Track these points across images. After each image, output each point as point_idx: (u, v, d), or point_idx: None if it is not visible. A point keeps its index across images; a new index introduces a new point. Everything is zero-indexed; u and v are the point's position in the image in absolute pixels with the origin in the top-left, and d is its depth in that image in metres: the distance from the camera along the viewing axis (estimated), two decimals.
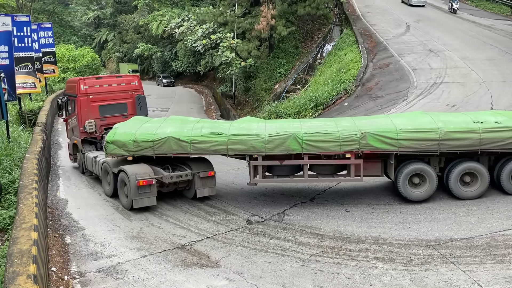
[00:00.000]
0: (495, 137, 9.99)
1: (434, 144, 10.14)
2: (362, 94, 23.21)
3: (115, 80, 15.25)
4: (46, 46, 30.37)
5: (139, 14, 57.09)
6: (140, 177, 10.78)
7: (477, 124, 10.15)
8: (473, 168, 10.41)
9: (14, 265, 6.04)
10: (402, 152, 10.39)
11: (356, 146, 10.35)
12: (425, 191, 10.53)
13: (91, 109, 14.18)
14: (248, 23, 32.13)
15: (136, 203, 10.85)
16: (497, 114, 10.97)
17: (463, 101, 18.86)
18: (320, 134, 10.48)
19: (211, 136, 10.87)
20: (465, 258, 7.77)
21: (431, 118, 10.66)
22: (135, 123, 12.18)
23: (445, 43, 27.87)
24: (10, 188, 10.76)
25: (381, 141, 10.28)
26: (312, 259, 8.14)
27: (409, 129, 10.27)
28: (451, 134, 10.07)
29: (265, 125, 11.36)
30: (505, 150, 10.17)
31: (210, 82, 47.89)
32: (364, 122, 11.04)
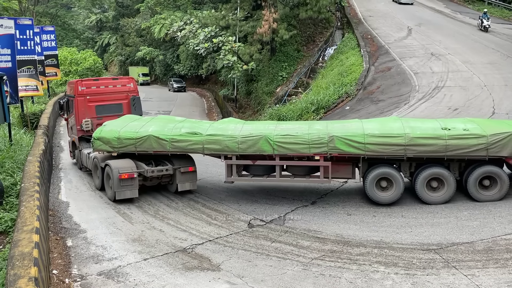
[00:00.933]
0: (460, 144, 10.12)
1: (400, 149, 10.35)
2: (364, 97, 23.21)
3: (111, 82, 16.09)
4: (48, 49, 30.48)
5: (142, 17, 57.27)
6: (122, 170, 11.58)
7: (443, 131, 10.29)
8: (439, 173, 10.55)
9: (16, 267, 6.04)
10: (369, 156, 10.63)
11: (324, 149, 10.69)
12: (391, 195, 10.74)
13: (88, 109, 14.96)
14: (250, 27, 32.21)
15: (119, 194, 11.63)
16: (470, 121, 11.06)
17: (465, 105, 18.86)
18: (291, 137, 10.90)
19: (189, 135, 11.53)
20: (467, 263, 7.74)
21: (401, 123, 10.88)
22: (123, 121, 12.97)
23: (447, 47, 27.89)
24: (12, 190, 10.78)
25: (348, 145, 10.58)
26: (314, 262, 8.12)
27: (376, 134, 10.51)
28: (417, 139, 10.25)
29: (242, 126, 11.80)
30: (471, 157, 10.27)
31: (212, 85, 47.97)
32: (335, 126, 11.33)
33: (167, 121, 12.84)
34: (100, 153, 12.72)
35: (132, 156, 12.20)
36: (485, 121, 11.60)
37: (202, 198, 12.04)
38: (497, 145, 10.01)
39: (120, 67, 64.61)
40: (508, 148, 10.01)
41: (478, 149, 10.07)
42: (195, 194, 12.35)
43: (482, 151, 10.08)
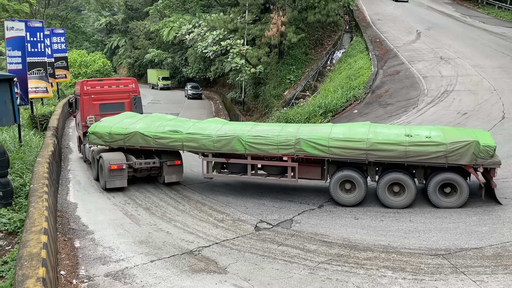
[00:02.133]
0: (420, 150, 10.31)
1: (362, 153, 10.69)
2: (372, 101, 23.13)
3: (114, 83, 17.34)
4: (58, 51, 30.79)
5: (151, 20, 57.65)
6: (113, 162, 12.67)
7: (404, 137, 10.53)
8: (399, 178, 10.76)
9: (24, 268, 6.09)
10: (333, 158, 11.08)
11: (292, 150, 11.30)
12: (354, 197, 11.11)
13: (92, 107, 16.10)
14: (258, 30, 32.27)
15: (109, 184, 12.77)
16: (438, 129, 11.26)
17: (475, 109, 18.72)
18: (261, 138, 11.59)
19: (170, 133, 12.53)
20: (475, 268, 7.67)
21: (368, 129, 11.24)
22: (118, 118, 14.13)
23: (456, 50, 27.72)
24: (21, 191, 10.89)
25: (313, 147, 11.07)
26: (320, 266, 8.09)
27: (339, 138, 10.93)
28: (378, 145, 10.55)
29: (222, 126, 12.56)
30: (431, 164, 10.47)
31: (220, 88, 48.09)
32: (306, 129, 11.89)
33: (157, 119, 13.76)
34: (97, 147, 13.89)
35: (125, 150, 13.28)
36: (454, 130, 11.69)
37: (209, 201, 12.05)
38: (456, 153, 10.14)
39: (129, 70, 64.98)
40: (466, 157, 10.13)
41: (437, 156, 10.25)
42: (202, 197, 12.37)
43: (441, 159, 10.26)
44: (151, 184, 13.65)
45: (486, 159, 10.11)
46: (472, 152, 10.06)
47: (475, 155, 10.08)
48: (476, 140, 10.11)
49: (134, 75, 63.39)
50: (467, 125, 16.99)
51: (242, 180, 13.02)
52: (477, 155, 10.08)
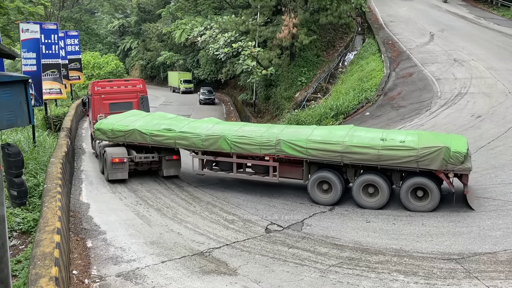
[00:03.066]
0: (392, 154, 10.60)
1: (337, 156, 11.11)
2: (384, 103, 22.96)
3: (123, 83, 18.62)
4: (72, 53, 31.13)
5: (163, 22, 58.03)
6: (115, 156, 13.67)
7: (378, 141, 10.81)
8: (373, 180, 11.08)
9: (37, 267, 6.15)
10: (311, 160, 11.58)
11: (273, 150, 11.89)
12: (330, 197, 11.48)
13: (102, 106, 17.31)
14: (270, 32, 32.27)
15: (111, 175, 13.80)
16: (414, 134, 11.45)
17: (489, 112, 18.46)
18: (245, 138, 12.22)
19: (164, 131, 13.37)
20: (489, 273, 7.56)
21: (346, 132, 11.61)
22: (123, 116, 15.13)
23: (471, 52, 27.39)
24: (34, 191, 11.02)
25: (292, 148, 11.61)
26: (331, 269, 8.04)
27: (317, 140, 11.40)
28: (352, 148, 10.94)
29: (213, 126, 13.25)
30: (403, 168, 10.74)
31: (231, 90, 48.17)
32: (289, 130, 12.45)
33: (157, 118, 14.71)
34: (103, 142, 14.92)
35: (128, 145, 14.24)
36: (431, 135, 11.72)
37: (220, 202, 12.07)
38: (426, 158, 10.34)
39: (142, 71, 65.46)
40: (437, 162, 10.29)
41: (408, 161, 10.49)
42: (212, 198, 12.40)
43: (413, 163, 10.48)
44: (162, 185, 13.73)
45: (456, 165, 10.25)
46: (442, 157, 10.24)
47: (445, 161, 10.25)
48: (446, 146, 10.26)
49: (146, 77, 63.89)
50: (482, 128, 16.78)
51: (229, 176, 13.52)
52: (447, 161, 10.25)
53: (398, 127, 19.06)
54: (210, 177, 14.22)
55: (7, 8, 25.37)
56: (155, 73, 63.72)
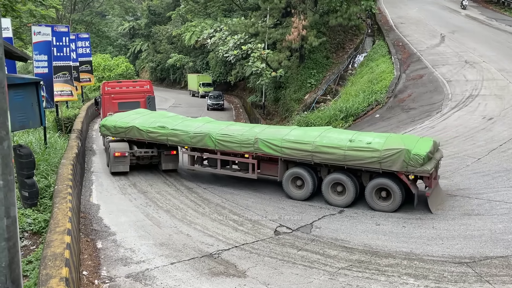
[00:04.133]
0: (357, 155, 10.99)
1: (308, 155, 11.67)
2: (394, 105, 22.83)
3: (132, 84, 20.27)
4: (83, 55, 31.43)
5: (173, 25, 58.36)
6: (117, 150, 14.77)
7: (346, 142, 11.25)
8: (340, 179, 11.50)
9: (48, 267, 6.20)
10: (285, 158, 12.15)
11: (251, 148, 12.54)
12: (302, 193, 12.07)
13: (112, 105, 18.66)
14: (279, 34, 32.29)
15: (113, 168, 14.89)
16: (382, 137, 11.74)
17: (500, 114, 18.27)
18: (227, 136, 12.94)
19: (158, 128, 14.28)
20: (501, 277, 7.46)
21: (320, 133, 12.11)
22: (128, 113, 16.15)
23: (482, 54, 27.13)
24: (45, 192, 11.13)
25: (268, 147, 12.26)
26: (341, 272, 8.00)
27: (290, 140, 12.00)
28: (321, 147, 11.44)
29: (203, 124, 14.04)
30: (367, 168, 11.06)
31: (240, 92, 48.23)
32: (269, 130, 13.13)
33: (157, 116, 15.67)
34: (109, 138, 15.78)
35: (130, 141, 15.19)
36: (398, 137, 11.91)
37: (229, 204, 12.08)
38: (388, 160, 10.63)
39: (151, 73, 65.85)
40: (398, 164, 10.56)
41: (372, 162, 10.83)
42: (222, 200, 12.41)
43: (376, 164, 10.81)
44: (171, 187, 13.78)
45: (416, 167, 10.44)
46: (402, 159, 10.49)
47: (405, 163, 10.48)
48: (406, 149, 10.51)
49: (156, 79, 64.28)
50: (493, 130, 16.60)
51: (213, 172, 14.25)
52: (407, 163, 10.47)
53: (408, 129, 18.94)
54: (219, 179, 14.24)
55: (20, 11, 25.69)
56: (165, 75, 64.06)
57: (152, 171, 15.49)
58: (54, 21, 41.56)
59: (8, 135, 2.40)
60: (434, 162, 10.80)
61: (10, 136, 2.44)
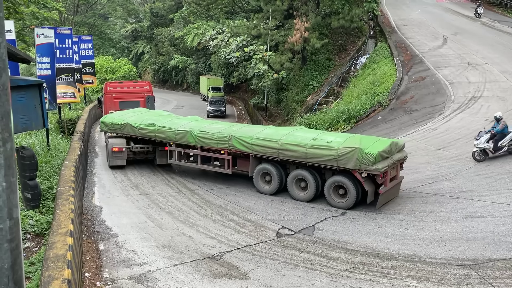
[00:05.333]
0: (316, 153, 11.60)
1: (274, 152, 12.35)
2: (397, 107, 22.82)
3: (132, 84, 21.82)
4: (86, 57, 31.45)
5: (175, 27, 58.44)
6: (115, 145, 15.73)
7: (308, 140, 11.87)
8: (303, 175, 12.12)
9: (50, 269, 6.21)
10: (255, 155, 12.83)
11: (226, 145, 13.28)
12: (270, 188, 12.74)
13: (113, 104, 19.94)
14: (281, 36, 32.32)
15: (111, 162, 15.87)
16: (344, 136, 12.53)
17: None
18: (206, 133, 13.73)
19: (148, 125, 15.23)
20: (504, 280, 7.43)
21: (288, 131, 12.87)
22: (126, 112, 17.13)
23: (484, 56, 27.09)
24: (48, 194, 11.14)
25: (240, 144, 12.97)
26: (343, 274, 7.98)
27: (260, 137, 12.70)
28: (286, 145, 12.09)
29: (189, 122, 14.92)
30: (326, 166, 11.65)
31: (243, 93, 48.23)
32: (244, 129, 13.88)
33: (151, 115, 16.60)
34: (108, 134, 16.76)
35: (129, 137, 16.04)
36: (359, 137, 12.28)
37: (231, 206, 12.08)
38: (344, 158, 11.17)
39: (154, 75, 65.95)
40: (352, 162, 11.07)
41: (329, 159, 11.42)
42: (224, 202, 12.41)
43: (333, 162, 11.41)
44: (174, 189, 13.79)
45: (368, 165, 10.90)
46: (356, 157, 11.01)
47: (359, 161, 10.98)
48: (359, 147, 11.03)
49: (158, 81, 64.35)
50: None
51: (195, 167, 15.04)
52: (360, 161, 10.96)
53: (410, 131, 18.92)
54: (221, 181, 14.25)
55: (23, 13, 25.82)
56: (167, 77, 64.11)
57: (155, 173, 15.51)
58: (57, 23, 41.70)
59: (11, 136, 2.41)
60: (389, 162, 11.17)
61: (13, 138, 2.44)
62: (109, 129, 16.52)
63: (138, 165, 16.48)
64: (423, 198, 11.80)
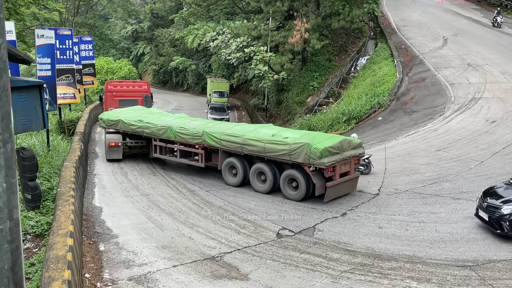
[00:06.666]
0: (272, 148, 12.42)
1: (238, 146, 13.22)
2: (397, 108, 22.82)
3: (131, 84, 23.61)
4: (86, 58, 31.46)
5: (175, 28, 58.49)
6: (111, 140, 16.86)
7: (267, 136, 12.71)
8: (262, 169, 12.92)
9: (50, 270, 6.20)
10: (223, 149, 13.70)
11: (199, 140, 14.20)
12: (236, 180, 13.62)
13: (113, 102, 21.58)
14: (282, 37, 32.34)
15: (108, 156, 16.99)
16: (301, 133, 13.41)
17: (504, 117, 18.23)
18: (183, 129, 14.68)
19: (137, 122, 16.28)
20: (504, 281, 7.43)
21: (254, 128, 13.88)
22: (122, 109, 18.34)
23: (485, 57, 27.10)
24: (48, 195, 11.14)
25: (211, 139, 13.85)
26: (343, 275, 7.98)
27: (227, 133, 13.57)
28: (248, 140, 12.96)
29: (173, 119, 15.96)
30: (281, 160, 12.40)
31: (243, 94, 48.25)
32: (217, 125, 14.79)
33: (144, 112, 17.68)
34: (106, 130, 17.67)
35: (125, 133, 16.88)
36: (314, 134, 13.20)
37: (231, 207, 12.07)
38: (295, 152, 11.94)
39: (154, 76, 66.01)
40: (302, 156, 11.83)
41: (283, 154, 12.21)
42: (224, 203, 12.41)
43: (287, 156, 12.18)
44: (174, 190, 13.79)
45: (316, 160, 11.59)
46: (305, 152, 11.75)
47: (307, 155, 11.71)
48: (308, 143, 11.77)
49: (159, 82, 64.40)
50: (496, 133, 16.56)
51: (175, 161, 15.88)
52: (309, 156, 11.68)
53: (411, 132, 18.92)
54: (222, 182, 14.24)
55: (23, 14, 25.83)
56: (167, 78, 64.16)
57: (155, 174, 15.51)
58: (57, 24, 41.73)
59: (11, 137, 2.41)
60: (338, 158, 11.86)
61: (13, 139, 2.44)
62: (106, 125, 17.54)
63: (138, 165, 16.49)
64: (424, 199, 11.79)
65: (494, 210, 9.09)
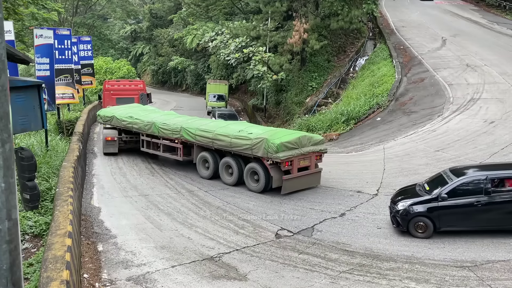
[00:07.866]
0: (237, 142, 13.27)
1: (209, 141, 14.13)
2: (396, 109, 22.84)
3: (128, 83, 25.18)
4: (85, 58, 31.45)
5: (174, 28, 58.49)
6: (108, 135, 17.94)
7: (234, 132, 13.54)
8: (229, 162, 13.78)
9: (49, 270, 6.20)
10: (198, 144, 14.62)
11: (178, 135, 15.17)
12: (208, 173, 14.51)
13: (111, 100, 22.90)
14: (281, 37, 32.35)
15: (105, 150, 18.06)
16: (266, 129, 14.30)
17: (502, 117, 18.26)
18: (165, 125, 15.65)
19: (127, 118, 17.35)
20: (503, 281, 7.44)
21: (225, 124, 14.87)
22: (119, 107, 19.57)
23: (483, 58, 27.15)
24: (47, 195, 11.13)
25: (188, 134, 14.79)
26: (342, 276, 7.98)
27: (201, 129, 14.47)
28: (217, 135, 13.82)
29: (160, 116, 16.96)
30: (245, 154, 13.17)
31: (242, 95, 48.25)
32: (196, 122, 15.58)
33: (138, 109, 18.59)
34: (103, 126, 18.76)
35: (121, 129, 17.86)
36: (277, 130, 14.34)
37: (230, 207, 12.07)
38: (256, 147, 12.73)
39: (153, 76, 66.00)
40: (261, 150, 12.61)
41: (246, 148, 13.01)
42: (223, 203, 12.41)
43: (249, 150, 12.99)
44: (173, 190, 13.78)
45: (273, 154, 12.33)
46: (263, 147, 12.52)
47: (266, 150, 12.47)
48: (266, 138, 12.58)
49: (158, 82, 64.42)
50: (495, 134, 16.58)
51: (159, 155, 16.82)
52: (267, 150, 12.43)
53: (409, 132, 18.94)
54: (220, 182, 14.25)
55: (22, 14, 25.79)
56: (166, 78, 64.16)
57: (154, 174, 15.51)
58: (56, 24, 41.68)
59: (10, 137, 2.41)
60: (295, 152, 12.57)
61: (12, 139, 2.44)
62: (103, 121, 18.77)
63: (137, 166, 16.48)
64: None
65: (393, 207, 10.06)
